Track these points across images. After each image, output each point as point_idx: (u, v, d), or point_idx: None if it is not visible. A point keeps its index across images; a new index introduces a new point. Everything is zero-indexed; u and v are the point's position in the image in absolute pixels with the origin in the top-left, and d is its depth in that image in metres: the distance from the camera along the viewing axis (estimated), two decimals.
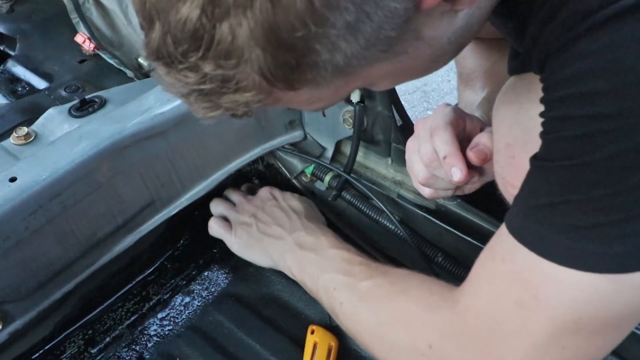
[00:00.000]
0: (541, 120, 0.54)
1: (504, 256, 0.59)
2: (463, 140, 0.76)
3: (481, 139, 0.74)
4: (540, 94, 0.54)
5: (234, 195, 1.11)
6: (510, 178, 0.65)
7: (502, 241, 0.59)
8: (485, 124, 0.79)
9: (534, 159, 0.55)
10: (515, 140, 0.64)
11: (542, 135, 0.54)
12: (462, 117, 0.78)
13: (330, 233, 0.96)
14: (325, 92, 0.52)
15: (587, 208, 0.51)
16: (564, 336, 0.56)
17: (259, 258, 1.01)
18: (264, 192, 1.09)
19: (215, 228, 1.06)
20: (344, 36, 0.46)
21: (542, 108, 0.54)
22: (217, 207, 1.09)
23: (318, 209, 1.09)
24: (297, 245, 0.95)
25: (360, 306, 0.79)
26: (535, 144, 0.54)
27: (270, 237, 1.00)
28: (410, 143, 0.80)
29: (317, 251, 0.92)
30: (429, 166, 0.77)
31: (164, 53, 0.47)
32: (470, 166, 0.74)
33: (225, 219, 1.07)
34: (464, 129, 0.78)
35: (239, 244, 1.03)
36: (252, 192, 1.14)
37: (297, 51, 0.46)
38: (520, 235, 0.56)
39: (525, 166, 0.56)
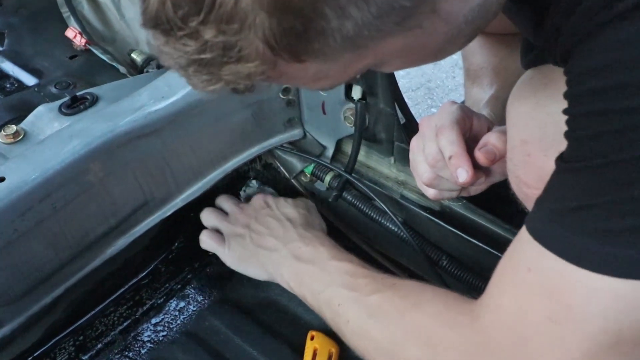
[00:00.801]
0: (565, 117, 0.52)
1: (529, 264, 0.56)
2: (470, 140, 0.76)
3: (490, 138, 0.74)
4: (559, 88, 0.52)
5: (227, 204, 1.09)
6: (525, 177, 0.64)
7: (525, 248, 0.56)
8: (493, 123, 0.79)
9: (560, 160, 0.53)
10: (531, 137, 0.63)
11: (568, 134, 0.52)
12: (469, 116, 0.77)
13: (330, 242, 0.94)
14: (333, 67, 0.51)
15: (622, 210, 0.49)
16: (604, 351, 0.53)
17: (254, 271, 0.99)
18: (257, 200, 1.07)
19: (207, 242, 1.04)
20: (355, 2, 0.45)
21: (561, 104, 0.52)
22: (208, 218, 1.07)
23: (319, 212, 1.08)
24: (293, 258, 0.93)
25: (369, 323, 0.76)
26: (552, 141, 0.53)
27: (265, 249, 0.98)
28: (415, 142, 0.80)
29: (317, 263, 0.90)
30: (434, 166, 0.76)
31: (163, 18, 0.46)
32: (477, 167, 0.74)
33: (217, 231, 1.06)
34: (470, 128, 0.77)
35: (232, 257, 1.01)
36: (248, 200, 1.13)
37: (305, 16, 0.45)
38: (547, 241, 0.54)
39: (541, 164, 0.55)
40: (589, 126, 0.50)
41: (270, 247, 0.97)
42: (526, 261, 0.57)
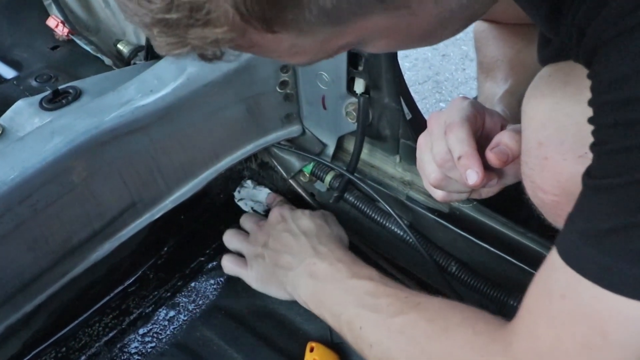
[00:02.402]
0: (587, 122, 0.52)
1: (563, 291, 0.57)
2: (481, 139, 0.75)
3: (503, 138, 0.73)
4: (580, 88, 0.52)
5: (247, 223, 1.11)
6: (541, 182, 0.64)
7: (558, 273, 0.57)
8: (507, 121, 0.79)
9: (587, 177, 0.54)
10: (549, 140, 0.63)
11: (594, 147, 0.52)
12: (481, 113, 0.77)
13: (348, 257, 0.95)
14: (310, 42, 0.50)
15: None
16: None
17: (276, 292, 1.01)
18: (274, 214, 1.08)
19: (228, 267, 1.06)
20: None
21: (582, 105, 0.52)
22: (230, 241, 1.09)
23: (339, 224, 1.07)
24: (309, 276, 0.94)
25: (393, 349, 0.77)
26: (571, 145, 0.53)
27: (282, 268, 0.99)
28: (422, 139, 0.80)
29: (334, 282, 0.91)
30: (442, 167, 0.76)
31: None
32: (488, 168, 0.73)
33: (240, 253, 1.07)
34: (482, 125, 0.77)
35: (256, 279, 1.03)
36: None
37: None
38: (580, 266, 0.54)
39: (559, 169, 0.55)
40: (618, 139, 0.50)
41: (286, 265, 0.99)
42: (560, 287, 0.57)
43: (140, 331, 1.04)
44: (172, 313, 1.07)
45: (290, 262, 0.98)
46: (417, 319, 0.76)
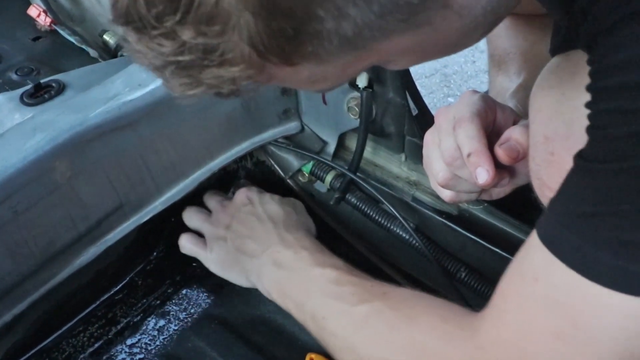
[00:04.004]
0: (587, 111, 0.53)
1: (536, 273, 0.58)
2: (492, 135, 0.76)
3: (513, 133, 0.74)
4: (588, 78, 0.53)
5: (211, 202, 1.10)
6: (548, 179, 0.65)
7: (534, 254, 0.58)
8: (519, 116, 0.79)
9: (579, 158, 0.54)
10: (556, 134, 0.63)
11: (589, 130, 0.53)
12: (492, 108, 0.77)
13: (313, 245, 0.95)
14: (331, 69, 0.51)
15: None
16: None
17: (237, 278, 1.01)
18: (240, 195, 1.08)
19: (187, 246, 1.06)
20: (353, 0, 0.45)
21: (588, 97, 0.53)
22: (190, 218, 1.09)
23: (312, 212, 1.08)
24: (273, 264, 0.95)
25: (356, 338, 0.78)
26: (579, 139, 0.54)
27: (245, 255, 0.99)
28: (430, 136, 0.80)
29: (298, 270, 0.92)
30: (451, 165, 0.76)
31: (134, 16, 0.47)
32: (499, 166, 0.74)
33: (200, 233, 1.07)
34: (494, 121, 0.77)
35: (215, 262, 1.03)
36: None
37: (296, 17, 0.45)
38: (557, 248, 0.55)
39: (566, 165, 0.55)
40: (612, 125, 0.50)
41: (250, 252, 0.99)
42: (534, 269, 0.58)
43: (128, 342, 1.04)
44: (162, 322, 1.07)
45: (255, 249, 0.98)
46: (382, 307, 0.77)
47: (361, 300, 0.80)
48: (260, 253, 0.97)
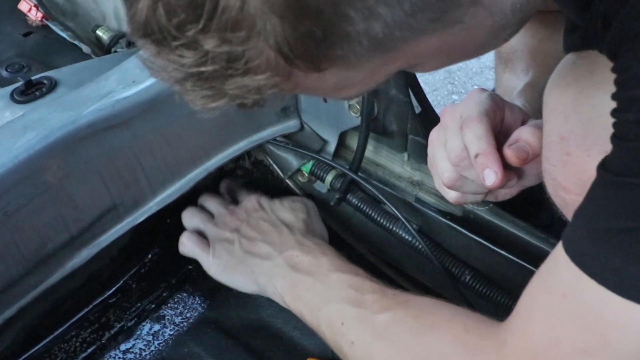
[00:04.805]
0: (612, 120, 0.52)
1: (565, 289, 0.58)
2: (500, 135, 0.76)
3: (522, 133, 0.74)
4: (607, 77, 0.53)
5: (213, 204, 1.10)
6: (563, 180, 0.64)
7: (561, 270, 0.58)
8: (528, 116, 0.79)
9: (603, 169, 0.54)
10: (572, 133, 0.63)
11: (616, 140, 0.53)
12: (500, 107, 0.77)
13: (332, 252, 0.96)
14: (358, 74, 0.51)
15: None
16: None
17: (242, 282, 1.00)
18: (250, 201, 1.08)
19: (188, 245, 1.05)
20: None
21: (609, 95, 0.53)
22: (191, 218, 1.09)
23: (320, 217, 1.09)
24: (289, 267, 0.95)
25: (376, 346, 0.78)
26: (596, 139, 0.54)
27: (256, 257, 0.99)
28: (435, 135, 0.80)
29: (317, 275, 0.91)
30: (457, 165, 0.76)
31: (154, 27, 0.46)
32: (507, 167, 0.73)
33: (200, 234, 1.07)
34: (502, 121, 0.77)
35: (217, 265, 1.02)
36: (234, 196, 1.14)
37: (325, 19, 0.45)
38: (586, 264, 0.55)
39: (583, 166, 0.55)
40: None
41: (263, 254, 0.99)
42: (562, 285, 0.58)
43: (122, 347, 1.04)
44: (156, 327, 1.06)
45: (269, 251, 0.98)
46: (404, 316, 0.77)
47: (382, 307, 0.80)
48: (276, 255, 0.97)
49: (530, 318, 0.62)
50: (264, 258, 0.98)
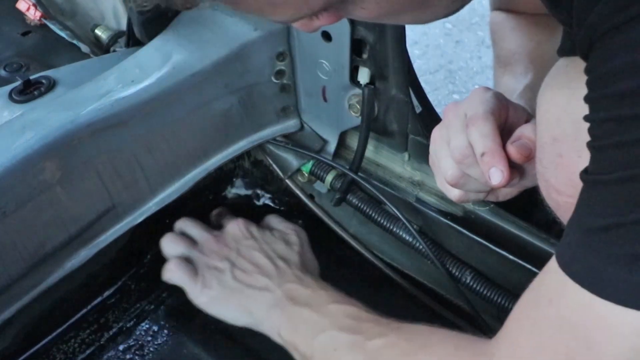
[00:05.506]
0: (586, 125, 0.53)
1: (551, 295, 0.58)
2: (504, 134, 0.76)
3: (525, 131, 0.74)
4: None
5: (195, 230, 1.07)
6: (555, 181, 0.65)
7: (549, 277, 0.58)
8: (531, 116, 0.79)
9: (585, 174, 0.55)
10: (564, 135, 0.63)
11: (590, 144, 0.53)
12: (504, 106, 0.78)
13: (330, 287, 0.96)
14: None
15: None
16: None
17: (235, 314, 0.98)
18: (234, 227, 1.06)
19: (177, 273, 1.01)
20: None
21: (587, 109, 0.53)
22: (175, 245, 1.05)
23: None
24: (288, 300, 0.94)
25: None
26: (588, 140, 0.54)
27: (252, 289, 0.98)
28: (437, 133, 0.80)
29: (314, 307, 0.92)
30: (461, 163, 0.76)
31: None
32: (510, 166, 0.74)
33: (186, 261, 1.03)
34: (505, 120, 0.77)
35: (208, 295, 0.99)
36: (218, 221, 1.12)
37: None
38: (570, 268, 0.55)
39: (574, 168, 0.56)
40: (611, 134, 0.51)
41: (261, 286, 0.98)
42: (549, 292, 0.59)
43: (121, 347, 1.04)
44: (155, 327, 1.07)
45: (267, 284, 0.97)
46: (396, 340, 0.79)
47: (376, 334, 0.81)
48: (275, 288, 0.97)
49: (518, 327, 0.63)
50: (263, 289, 0.97)
